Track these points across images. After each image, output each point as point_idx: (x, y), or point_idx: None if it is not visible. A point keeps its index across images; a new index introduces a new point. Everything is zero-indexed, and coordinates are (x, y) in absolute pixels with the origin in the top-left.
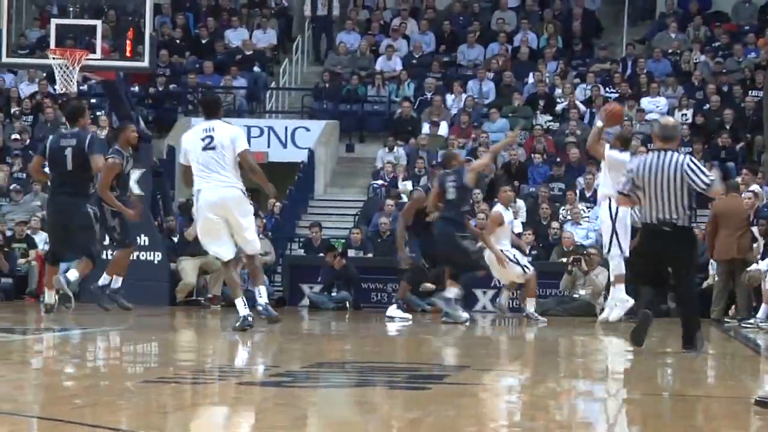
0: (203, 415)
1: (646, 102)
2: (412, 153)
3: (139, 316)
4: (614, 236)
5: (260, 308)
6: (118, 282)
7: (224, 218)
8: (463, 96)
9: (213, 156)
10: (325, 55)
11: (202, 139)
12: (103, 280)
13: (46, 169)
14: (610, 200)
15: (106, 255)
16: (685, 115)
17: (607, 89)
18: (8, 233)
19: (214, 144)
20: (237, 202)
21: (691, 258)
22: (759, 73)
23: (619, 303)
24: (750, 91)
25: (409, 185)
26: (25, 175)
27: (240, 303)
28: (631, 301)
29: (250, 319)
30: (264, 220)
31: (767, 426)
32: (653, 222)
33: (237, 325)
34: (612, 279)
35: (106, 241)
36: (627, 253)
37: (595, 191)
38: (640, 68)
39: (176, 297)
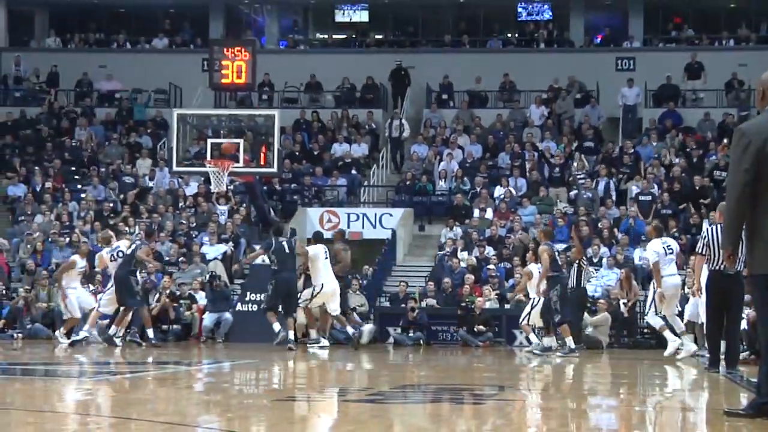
0: (317, 423)
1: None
2: (466, 232)
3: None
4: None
5: None
6: None
7: None
8: (503, 189)
9: None
10: (400, 166)
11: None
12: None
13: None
14: None
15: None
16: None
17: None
18: (176, 292)
19: None
20: None
21: None
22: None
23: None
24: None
25: (465, 254)
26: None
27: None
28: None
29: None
30: (360, 281)
31: None
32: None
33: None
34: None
35: None
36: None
37: (601, 258)
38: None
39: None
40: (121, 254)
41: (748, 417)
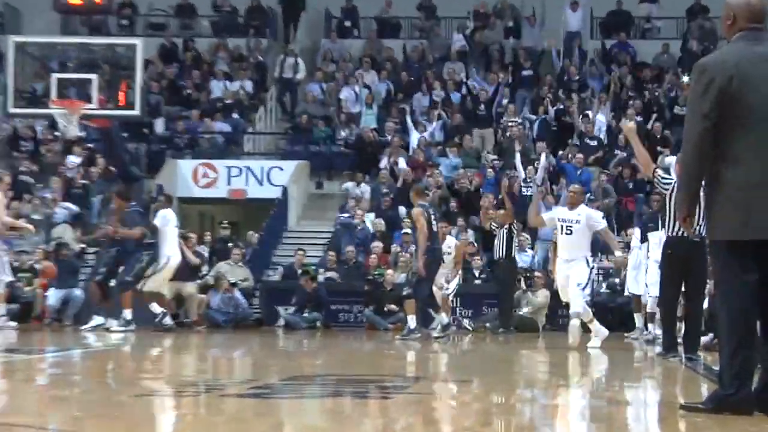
0: (189, 424)
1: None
2: (374, 189)
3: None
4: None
5: None
6: None
7: None
8: (419, 135)
9: None
10: (292, 109)
11: None
12: None
13: None
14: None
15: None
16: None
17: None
18: (14, 263)
19: None
20: None
21: None
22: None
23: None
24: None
25: (372, 217)
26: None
27: None
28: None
29: None
30: (243, 250)
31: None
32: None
33: None
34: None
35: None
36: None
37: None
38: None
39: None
40: None
41: (708, 412)
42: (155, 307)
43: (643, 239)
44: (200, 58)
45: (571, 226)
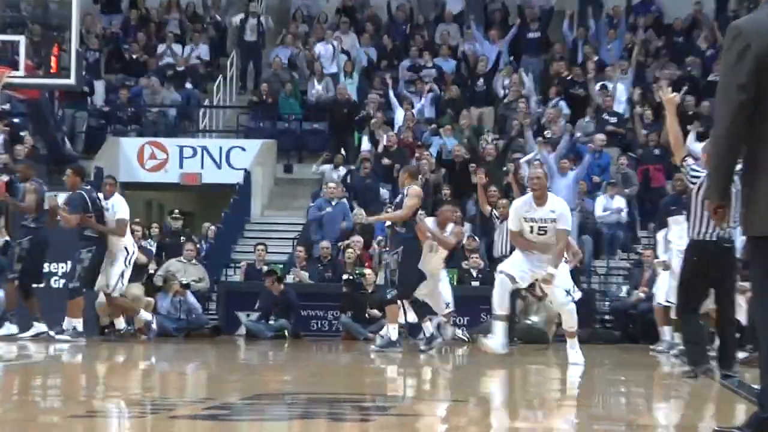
0: None
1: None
2: (353, 173)
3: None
4: None
5: None
6: None
7: None
8: (406, 111)
9: None
10: (257, 78)
11: None
12: None
13: None
14: None
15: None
16: None
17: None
18: None
19: None
20: None
21: None
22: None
23: None
24: None
25: (354, 207)
26: None
27: None
28: None
29: None
30: (198, 246)
31: None
32: None
33: None
34: None
35: None
36: None
37: None
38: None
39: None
40: None
41: None
42: (120, 323)
43: (662, 225)
44: (148, 17)
45: (545, 227)
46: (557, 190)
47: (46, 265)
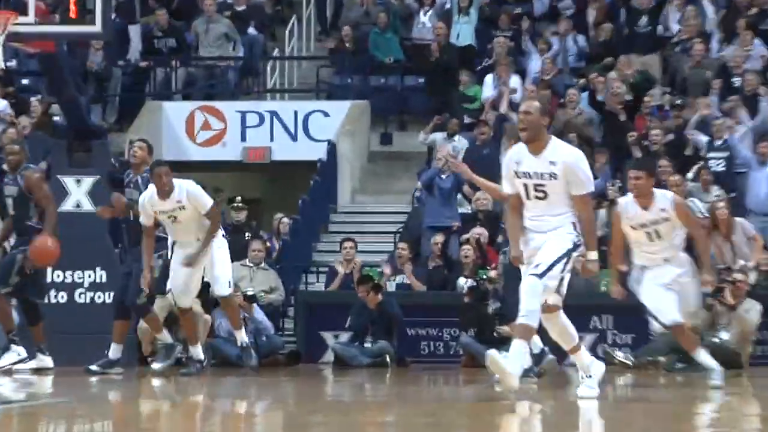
0: None
1: None
2: (474, 143)
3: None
4: None
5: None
6: None
7: None
8: (543, 56)
9: None
10: (334, 22)
11: None
12: None
13: None
14: None
15: None
16: None
17: None
18: None
19: None
20: None
21: None
22: None
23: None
24: None
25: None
26: None
27: None
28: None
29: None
30: (267, 244)
31: None
32: None
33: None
34: None
35: None
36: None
37: None
38: None
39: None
40: None
41: None
42: (198, 352)
43: None
44: None
45: (543, 185)
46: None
47: (68, 274)
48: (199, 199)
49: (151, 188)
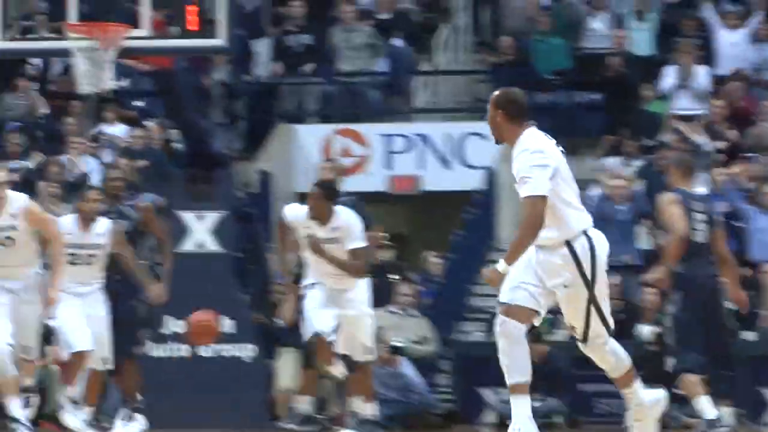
0: None
1: None
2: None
3: None
4: None
5: None
6: None
7: None
8: None
9: None
10: (494, 31)
11: None
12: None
13: None
14: None
15: None
16: None
17: None
18: None
19: None
20: None
21: None
22: None
23: None
24: None
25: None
26: None
27: None
28: None
29: None
30: (417, 287)
31: None
32: None
33: None
34: None
35: None
36: None
37: None
38: None
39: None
40: None
41: None
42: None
43: None
44: None
45: None
46: None
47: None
48: None
49: None
